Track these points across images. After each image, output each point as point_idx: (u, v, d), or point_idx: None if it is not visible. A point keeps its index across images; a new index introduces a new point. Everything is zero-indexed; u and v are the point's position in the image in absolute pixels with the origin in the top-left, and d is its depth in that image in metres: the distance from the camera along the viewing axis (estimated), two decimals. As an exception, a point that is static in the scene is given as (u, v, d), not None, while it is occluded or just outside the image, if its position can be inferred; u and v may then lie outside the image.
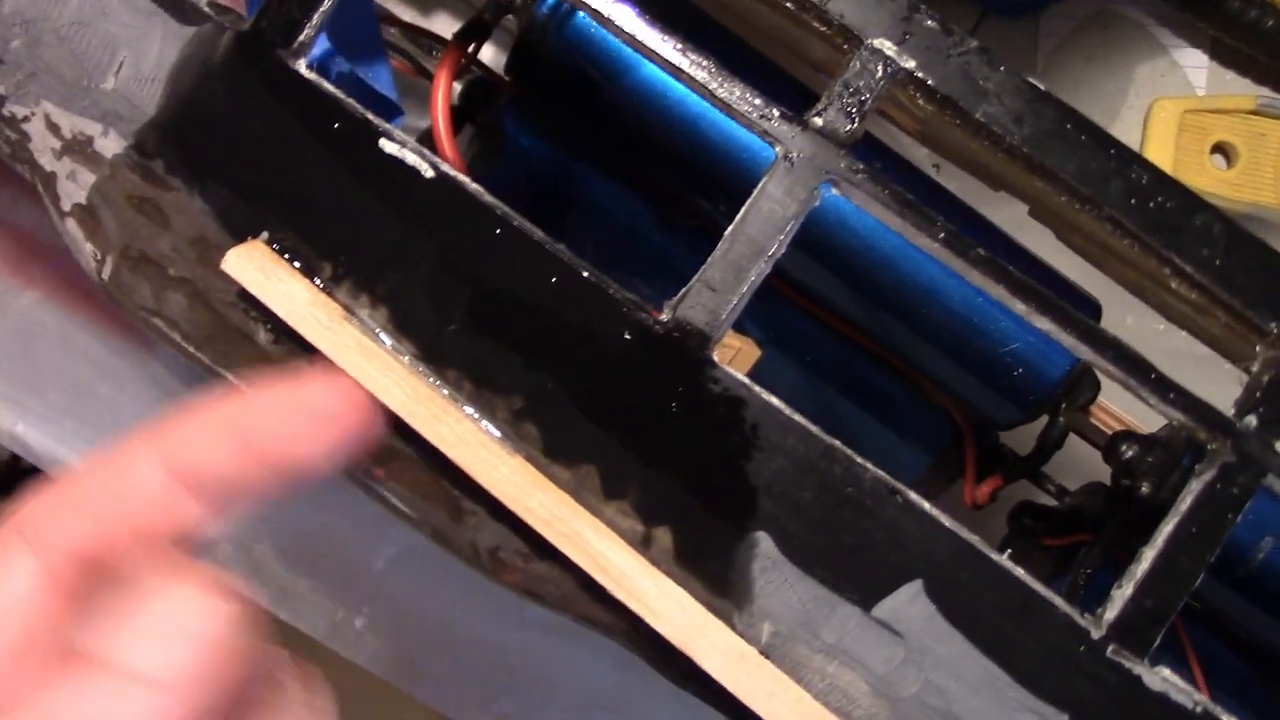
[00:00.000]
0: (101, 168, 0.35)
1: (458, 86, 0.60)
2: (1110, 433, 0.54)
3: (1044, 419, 0.55)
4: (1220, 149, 0.69)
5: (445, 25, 0.64)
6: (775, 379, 0.34)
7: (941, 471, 0.58)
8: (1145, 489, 0.51)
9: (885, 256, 0.52)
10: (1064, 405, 0.55)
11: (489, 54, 0.61)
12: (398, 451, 0.35)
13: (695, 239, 0.55)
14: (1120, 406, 0.60)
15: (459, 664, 0.64)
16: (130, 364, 0.64)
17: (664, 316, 0.34)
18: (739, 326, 0.55)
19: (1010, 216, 0.54)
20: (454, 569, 0.65)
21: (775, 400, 0.34)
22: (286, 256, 0.34)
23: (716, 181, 0.51)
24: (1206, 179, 0.68)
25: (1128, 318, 0.59)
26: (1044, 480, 0.58)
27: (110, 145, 0.35)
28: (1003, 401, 0.54)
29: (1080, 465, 0.59)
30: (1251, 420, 0.34)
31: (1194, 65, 0.72)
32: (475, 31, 0.53)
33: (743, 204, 0.49)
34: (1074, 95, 0.64)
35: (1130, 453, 0.51)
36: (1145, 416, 0.56)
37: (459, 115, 0.58)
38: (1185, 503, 0.34)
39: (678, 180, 0.54)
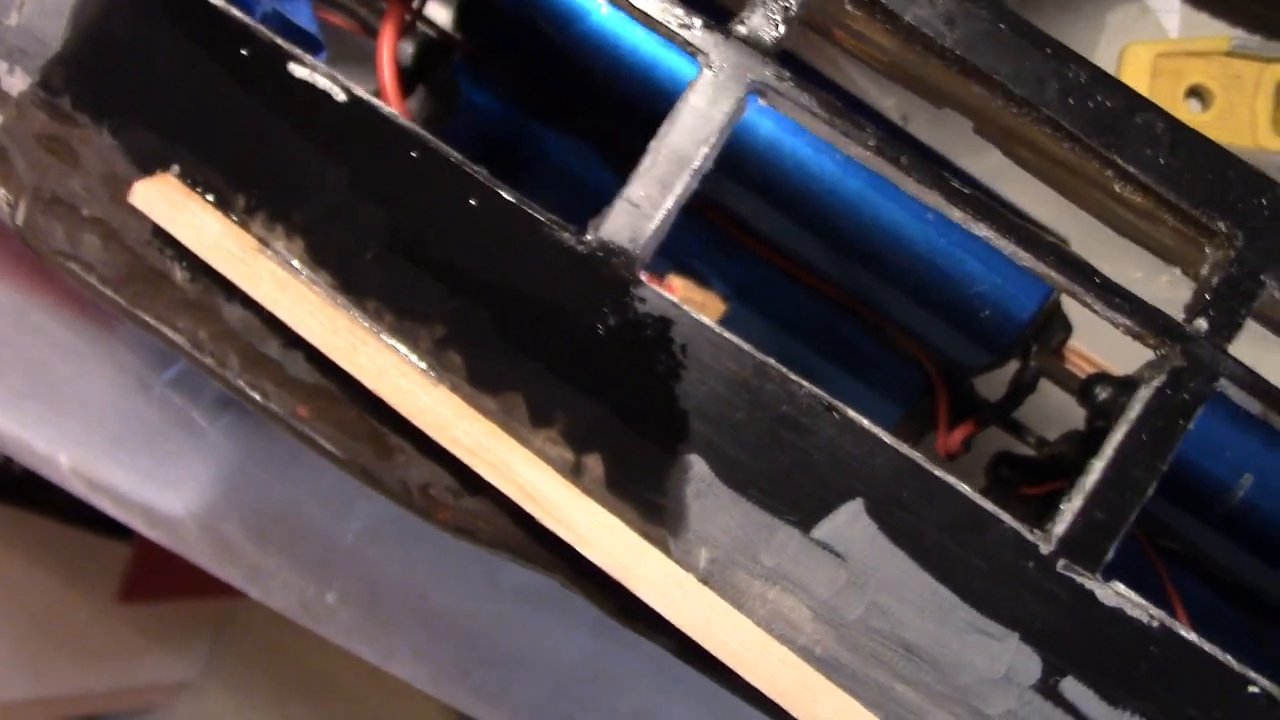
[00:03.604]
0: (8, 107, 0.34)
1: (411, 50, 0.59)
2: (1084, 376, 0.53)
3: (1017, 365, 0.54)
4: (1195, 92, 0.68)
5: (394, -15, 0.62)
6: (741, 334, 0.33)
7: (914, 422, 0.57)
8: None
9: (847, 201, 0.51)
10: (1035, 348, 0.53)
11: (443, 16, 0.60)
12: (321, 388, 0.34)
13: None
14: (1094, 350, 0.58)
15: (433, 636, 0.63)
16: (89, 342, 0.63)
17: (588, 236, 0.33)
18: (703, 280, 0.54)
19: (983, 167, 0.52)
20: (424, 541, 0.64)
21: (705, 319, 0.33)
22: (199, 190, 0.33)
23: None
24: (1180, 123, 0.66)
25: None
26: (1024, 432, 0.57)
27: (16, 84, 0.34)
28: (971, 345, 0.53)
29: (1062, 417, 0.58)
30: (1202, 324, 0.33)
31: (1166, 9, 0.71)
32: (419, -15, 0.53)
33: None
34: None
35: (1104, 394, 0.50)
36: (1120, 359, 0.55)
37: (411, 77, 0.58)
38: (1134, 410, 0.33)
39: (633, 131, 0.53)
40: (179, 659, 1.36)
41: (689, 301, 0.34)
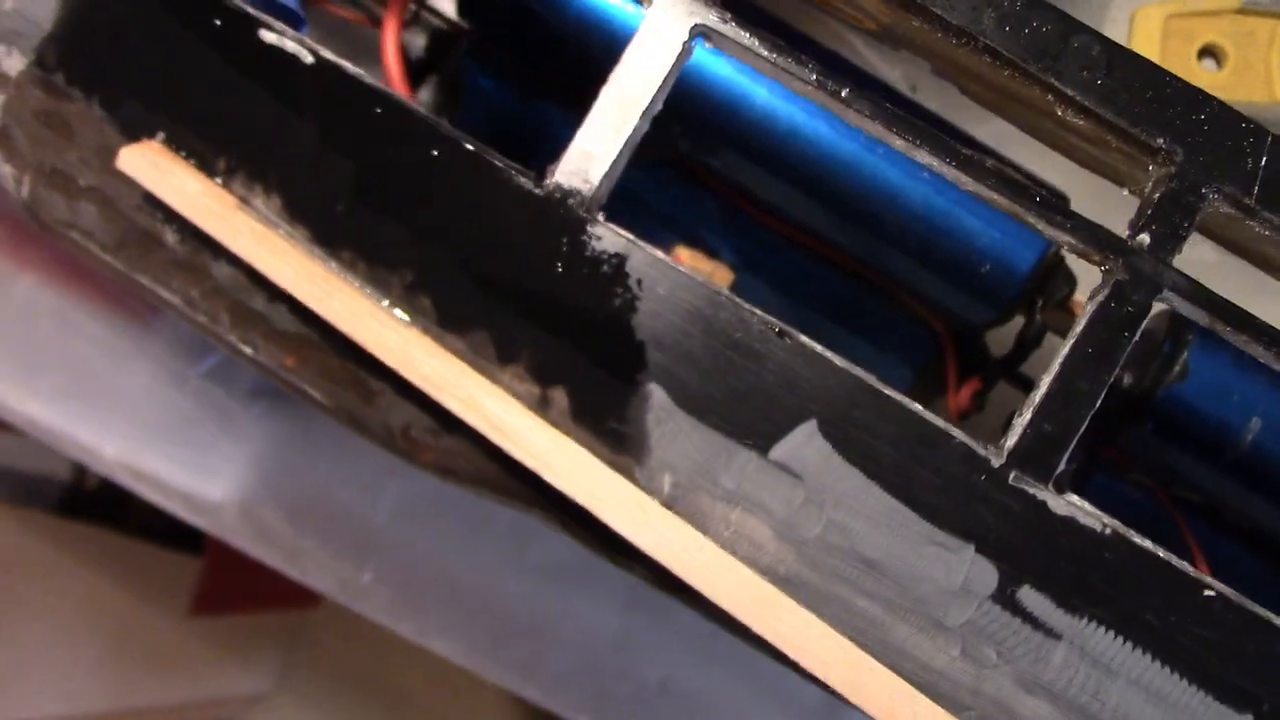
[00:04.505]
0: (8, 87, 0.37)
1: (422, 42, 0.61)
2: (1089, 328, 0.54)
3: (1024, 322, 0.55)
4: (1209, 51, 0.68)
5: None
6: (752, 302, 0.34)
7: (926, 384, 0.57)
8: (1127, 380, 0.50)
9: (844, 164, 0.52)
10: (1040, 303, 0.54)
11: (450, 6, 0.62)
12: (305, 338, 0.36)
13: (660, 169, 0.55)
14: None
15: (465, 611, 0.65)
16: (127, 339, 0.66)
17: (546, 180, 0.35)
18: (711, 251, 0.56)
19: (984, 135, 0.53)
20: (454, 518, 0.66)
21: (659, 253, 0.34)
22: (183, 154, 0.36)
23: (670, 108, 0.52)
24: (1197, 83, 0.66)
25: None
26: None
27: (15, 64, 0.37)
28: (974, 301, 0.53)
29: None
30: (1144, 238, 0.34)
31: (1176, -29, 0.71)
32: (420, -26, 0.54)
33: (698, 126, 0.49)
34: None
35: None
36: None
37: (422, 68, 0.60)
38: (1080, 325, 0.33)
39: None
40: (252, 672, 1.39)
41: (696, 272, 0.35)
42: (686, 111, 0.51)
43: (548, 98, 0.56)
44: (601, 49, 0.52)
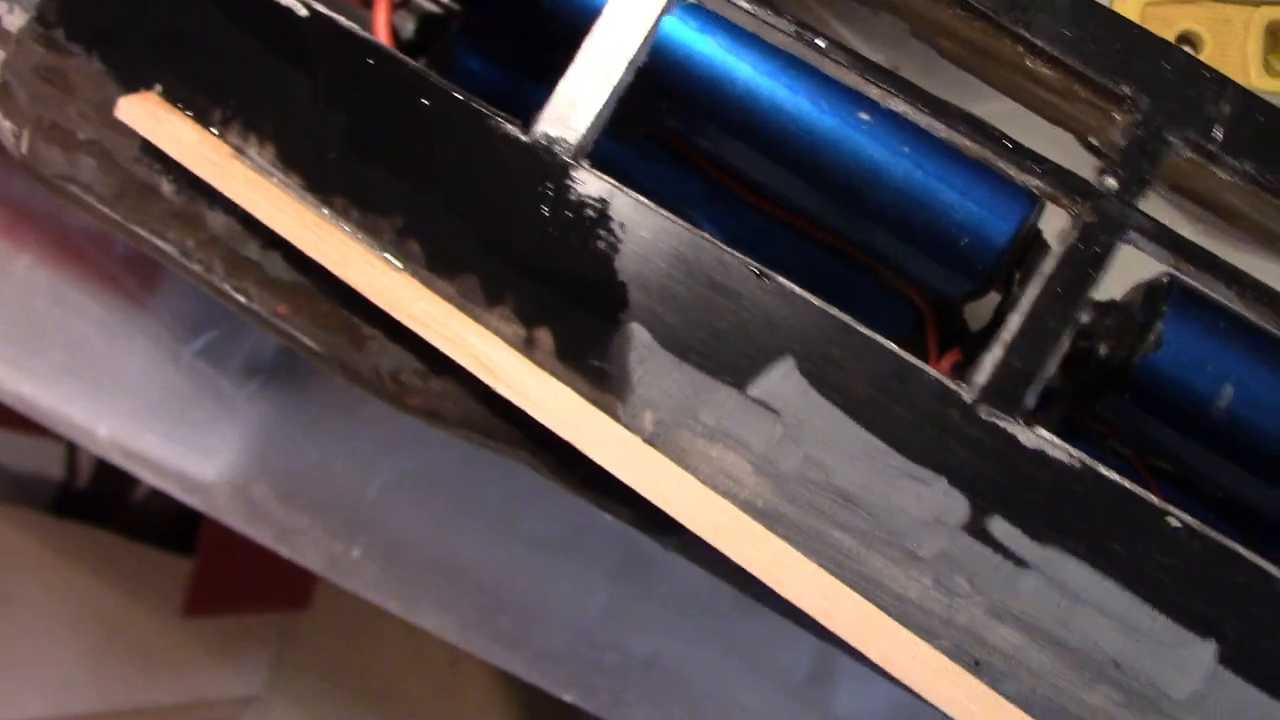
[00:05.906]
0: (9, 44, 0.38)
1: (412, 25, 0.62)
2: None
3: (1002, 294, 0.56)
4: (1186, 39, 0.69)
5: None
6: None
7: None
8: (1103, 351, 0.51)
9: (824, 139, 0.53)
10: (1017, 276, 0.55)
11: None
12: (297, 285, 0.37)
13: (647, 146, 0.56)
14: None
15: (454, 585, 0.66)
16: (123, 318, 0.66)
17: (532, 127, 0.36)
18: (697, 229, 0.57)
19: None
20: (443, 493, 0.67)
21: (641, 197, 0.35)
22: (179, 105, 0.37)
23: (655, 84, 0.53)
24: (1172, 70, 0.68)
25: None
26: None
27: (16, 21, 0.38)
28: (952, 274, 0.54)
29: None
30: (1111, 182, 0.35)
31: (1153, -40, 0.72)
32: (410, -46, 0.56)
33: (683, 103, 0.50)
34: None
35: (1087, 318, 0.52)
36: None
37: (412, 50, 0.61)
38: (1049, 265, 0.35)
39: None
40: (243, 673, 1.39)
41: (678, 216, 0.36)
42: (672, 87, 0.52)
43: (538, 80, 0.57)
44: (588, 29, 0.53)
